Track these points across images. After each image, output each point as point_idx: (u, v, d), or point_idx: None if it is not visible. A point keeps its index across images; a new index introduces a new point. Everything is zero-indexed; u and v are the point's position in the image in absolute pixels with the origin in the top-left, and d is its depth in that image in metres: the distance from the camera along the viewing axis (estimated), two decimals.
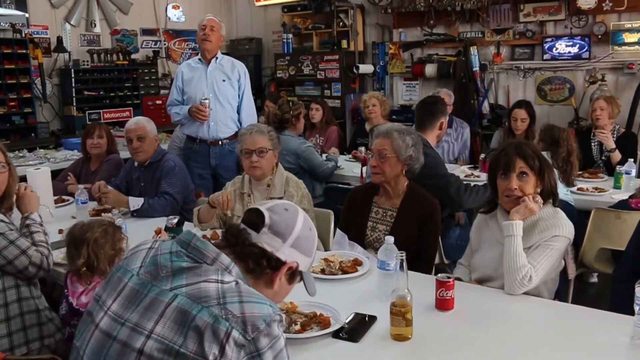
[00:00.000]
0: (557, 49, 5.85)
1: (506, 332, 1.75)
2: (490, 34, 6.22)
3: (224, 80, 4.12)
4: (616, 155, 4.03)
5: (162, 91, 7.25)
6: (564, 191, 3.18)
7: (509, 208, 2.12)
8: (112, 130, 4.54)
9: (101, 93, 6.60)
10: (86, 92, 6.46)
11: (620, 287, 2.12)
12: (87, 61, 6.62)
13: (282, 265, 1.38)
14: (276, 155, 2.85)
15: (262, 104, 6.01)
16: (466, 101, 6.10)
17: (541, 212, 2.11)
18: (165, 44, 7.73)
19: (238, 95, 4.18)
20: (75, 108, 6.36)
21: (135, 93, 6.90)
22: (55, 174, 3.57)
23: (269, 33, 8.09)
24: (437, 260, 2.90)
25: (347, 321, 1.77)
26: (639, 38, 5.43)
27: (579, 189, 3.52)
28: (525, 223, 2.07)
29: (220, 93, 4.10)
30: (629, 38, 5.47)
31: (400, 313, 1.66)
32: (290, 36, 7.43)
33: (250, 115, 4.23)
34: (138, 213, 3.10)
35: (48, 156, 5.14)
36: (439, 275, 1.89)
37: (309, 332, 1.71)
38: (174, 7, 7.79)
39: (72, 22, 6.67)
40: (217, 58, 4.14)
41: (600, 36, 5.61)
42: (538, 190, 2.12)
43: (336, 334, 1.71)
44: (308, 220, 1.47)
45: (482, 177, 3.70)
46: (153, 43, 7.63)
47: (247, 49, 8.00)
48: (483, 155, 4.32)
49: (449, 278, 1.86)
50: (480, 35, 6.31)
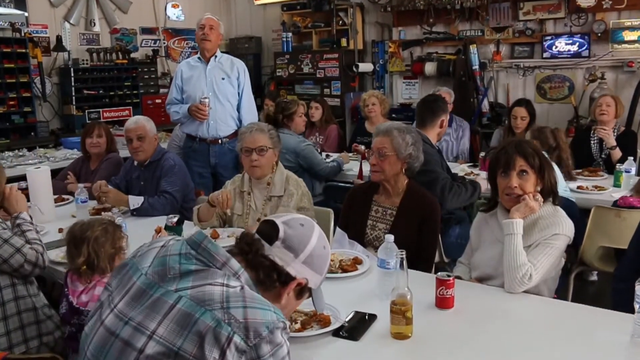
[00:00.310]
0: (557, 47, 5.85)
1: (506, 331, 1.75)
2: (489, 32, 6.22)
3: (223, 78, 4.12)
4: (617, 152, 4.02)
5: (162, 90, 7.23)
6: (564, 187, 3.18)
7: (509, 206, 2.12)
8: (112, 129, 4.54)
9: (101, 92, 6.59)
10: (86, 91, 6.45)
11: (621, 286, 2.11)
12: (87, 60, 6.61)
13: (292, 280, 1.37)
14: (276, 153, 2.84)
15: (262, 103, 6.01)
16: (466, 100, 6.09)
17: (541, 211, 2.11)
18: (164, 43, 7.72)
19: (238, 93, 4.17)
20: (74, 107, 6.35)
21: (134, 92, 6.89)
22: (54, 173, 3.57)
23: (269, 32, 8.08)
24: (437, 258, 2.90)
25: (347, 320, 1.77)
26: (639, 36, 5.43)
27: (579, 187, 3.52)
28: (525, 221, 2.07)
29: (219, 91, 4.10)
30: (629, 36, 5.47)
31: (400, 311, 1.66)
32: (289, 35, 7.42)
33: (250, 112, 4.22)
34: (138, 212, 3.10)
35: (48, 155, 5.14)
36: (439, 273, 1.89)
37: (309, 331, 1.71)
38: (174, 6, 7.77)
39: (72, 21, 6.66)
40: (217, 56, 4.14)
41: (600, 34, 5.60)
42: (538, 188, 2.12)
43: (336, 333, 1.71)
44: (323, 237, 1.45)
45: (482, 175, 3.70)
46: (152, 42, 7.61)
47: (247, 48, 7.99)
48: (483, 153, 4.32)
49: (449, 276, 1.86)
50: (479, 33, 6.30)
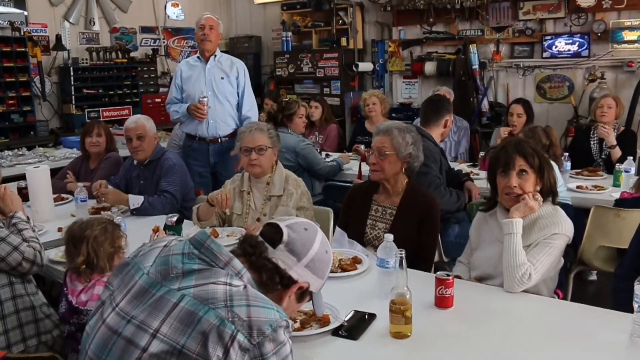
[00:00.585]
0: (557, 47, 5.85)
1: (505, 330, 1.75)
2: (489, 32, 6.22)
3: (223, 77, 4.11)
4: (617, 151, 4.02)
5: (162, 89, 7.23)
6: (561, 188, 3.18)
7: (509, 206, 2.12)
8: (112, 128, 4.54)
9: (100, 91, 6.58)
10: (85, 90, 6.44)
11: (622, 285, 2.11)
12: (86, 59, 6.60)
13: (293, 283, 1.38)
14: (276, 153, 2.84)
15: (262, 102, 6.01)
16: (466, 99, 6.09)
17: (541, 210, 2.11)
18: (164, 42, 7.71)
19: (237, 92, 4.17)
20: (74, 106, 6.34)
21: (134, 91, 6.88)
22: (54, 172, 3.57)
23: (269, 31, 8.07)
24: (437, 258, 2.90)
25: (347, 319, 1.77)
26: (639, 36, 5.43)
27: (578, 187, 3.52)
28: (524, 221, 2.07)
29: (218, 90, 4.09)
30: (629, 36, 5.47)
31: (399, 311, 1.66)
32: (289, 34, 7.42)
33: (251, 110, 4.21)
34: (138, 211, 3.09)
35: (47, 154, 5.14)
36: (439, 273, 1.89)
37: (309, 330, 1.71)
38: (173, 5, 7.77)
39: (71, 20, 6.65)
40: (216, 56, 4.13)
41: (599, 34, 5.61)
42: (538, 188, 2.12)
43: (336, 332, 1.71)
44: (326, 242, 1.47)
45: (482, 175, 3.71)
46: (152, 41, 7.61)
47: (247, 47, 7.99)
48: (482, 153, 4.32)
49: (449, 276, 1.86)
50: (479, 33, 6.30)
